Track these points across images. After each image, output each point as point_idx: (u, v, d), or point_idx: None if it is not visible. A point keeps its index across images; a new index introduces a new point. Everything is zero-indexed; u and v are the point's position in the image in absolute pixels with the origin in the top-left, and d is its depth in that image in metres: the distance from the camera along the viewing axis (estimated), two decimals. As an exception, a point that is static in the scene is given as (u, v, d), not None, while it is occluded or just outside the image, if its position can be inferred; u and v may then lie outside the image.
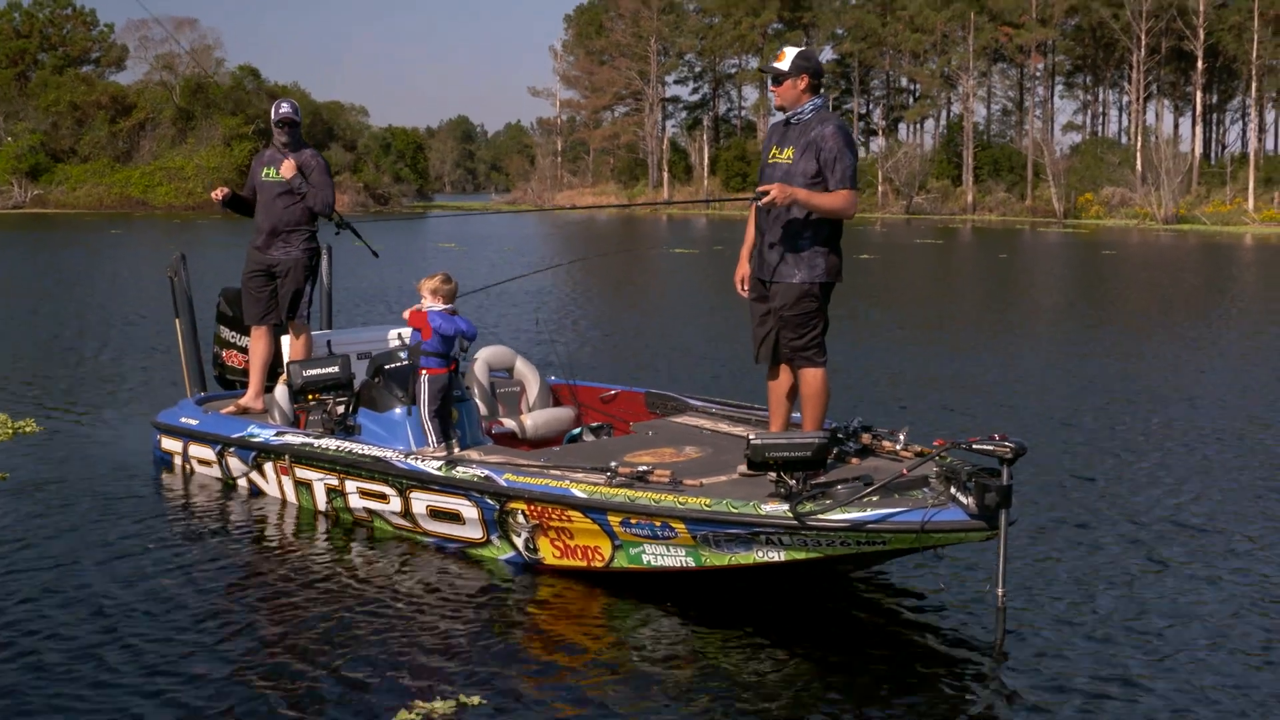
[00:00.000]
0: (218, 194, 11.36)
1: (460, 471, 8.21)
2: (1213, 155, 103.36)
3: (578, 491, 7.60)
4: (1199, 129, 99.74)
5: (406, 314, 9.46)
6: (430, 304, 9.39)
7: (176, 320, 11.84)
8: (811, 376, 8.02)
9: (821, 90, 8.20)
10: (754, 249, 8.26)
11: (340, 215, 11.53)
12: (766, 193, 7.73)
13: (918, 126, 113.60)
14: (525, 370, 10.89)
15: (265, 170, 11.13)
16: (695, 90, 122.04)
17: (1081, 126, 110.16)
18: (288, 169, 10.91)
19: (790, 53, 8.06)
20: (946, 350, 19.28)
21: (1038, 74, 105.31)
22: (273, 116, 11.19)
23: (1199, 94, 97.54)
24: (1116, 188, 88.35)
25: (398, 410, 9.32)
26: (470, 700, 6.16)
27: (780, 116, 8.30)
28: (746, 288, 8.30)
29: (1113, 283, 35.42)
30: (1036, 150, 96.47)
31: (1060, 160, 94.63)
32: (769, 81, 8.26)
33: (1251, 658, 6.91)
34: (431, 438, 9.11)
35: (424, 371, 9.26)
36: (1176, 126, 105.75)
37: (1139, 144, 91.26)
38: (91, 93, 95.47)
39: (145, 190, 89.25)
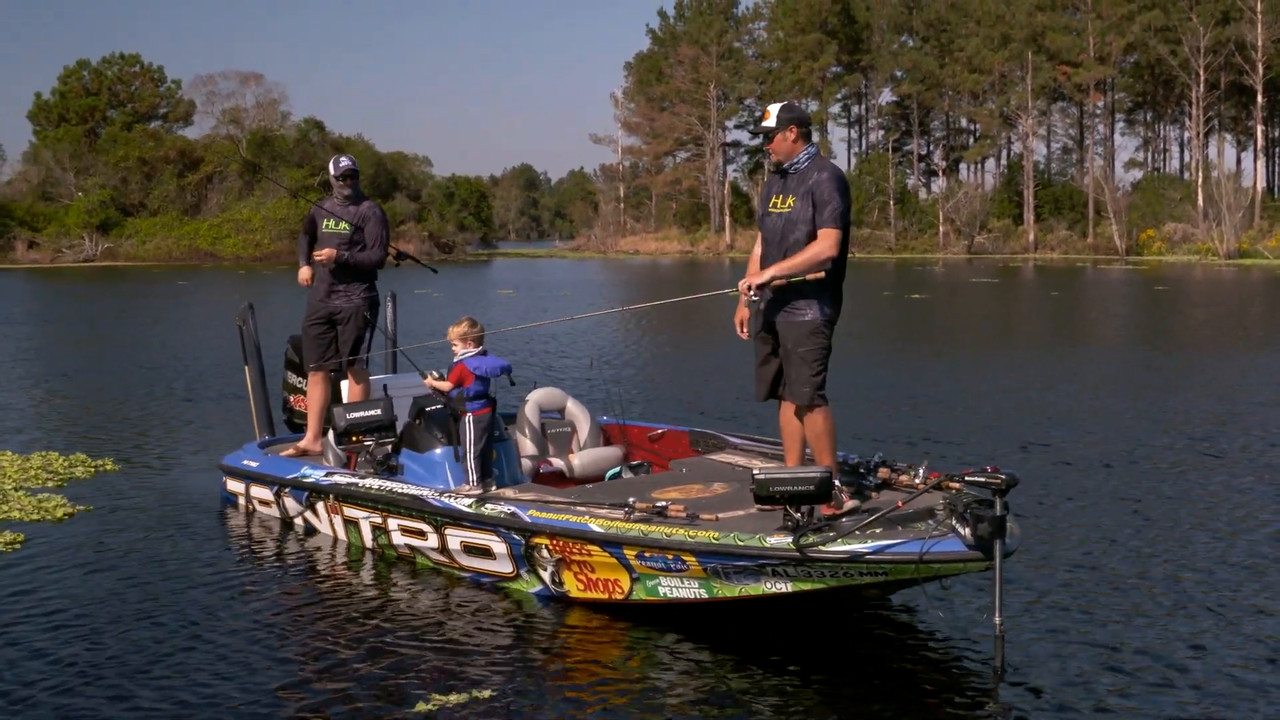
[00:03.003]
0: (305, 276, 11.81)
1: (489, 509, 8.64)
2: (1275, 189, 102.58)
3: (595, 526, 7.99)
4: (1261, 164, 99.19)
5: (443, 384, 9.78)
6: (463, 349, 9.82)
7: (245, 367, 12.43)
8: (820, 416, 8.31)
9: (811, 137, 8.55)
10: None
11: (397, 249, 12.16)
12: (746, 289, 8.26)
13: (978, 166, 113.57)
14: (576, 411, 11.24)
15: (325, 222, 11.66)
16: (756, 134, 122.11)
17: (1143, 163, 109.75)
18: (325, 257, 11.48)
19: (774, 109, 8.43)
20: (983, 382, 19.56)
21: (1098, 112, 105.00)
22: (333, 171, 11.74)
23: (1259, 128, 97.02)
24: (1178, 224, 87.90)
25: (438, 450, 9.77)
26: (488, 697, 6.62)
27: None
28: (746, 330, 8.71)
29: (1157, 318, 35.50)
30: (1097, 188, 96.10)
31: (1121, 197, 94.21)
32: (761, 140, 8.61)
33: (1256, 687, 7.13)
34: (472, 476, 9.50)
35: (468, 414, 9.62)
36: (1239, 161, 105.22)
37: (1200, 179, 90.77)
38: (160, 147, 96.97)
39: (213, 242, 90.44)
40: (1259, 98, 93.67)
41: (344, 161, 11.75)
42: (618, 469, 10.78)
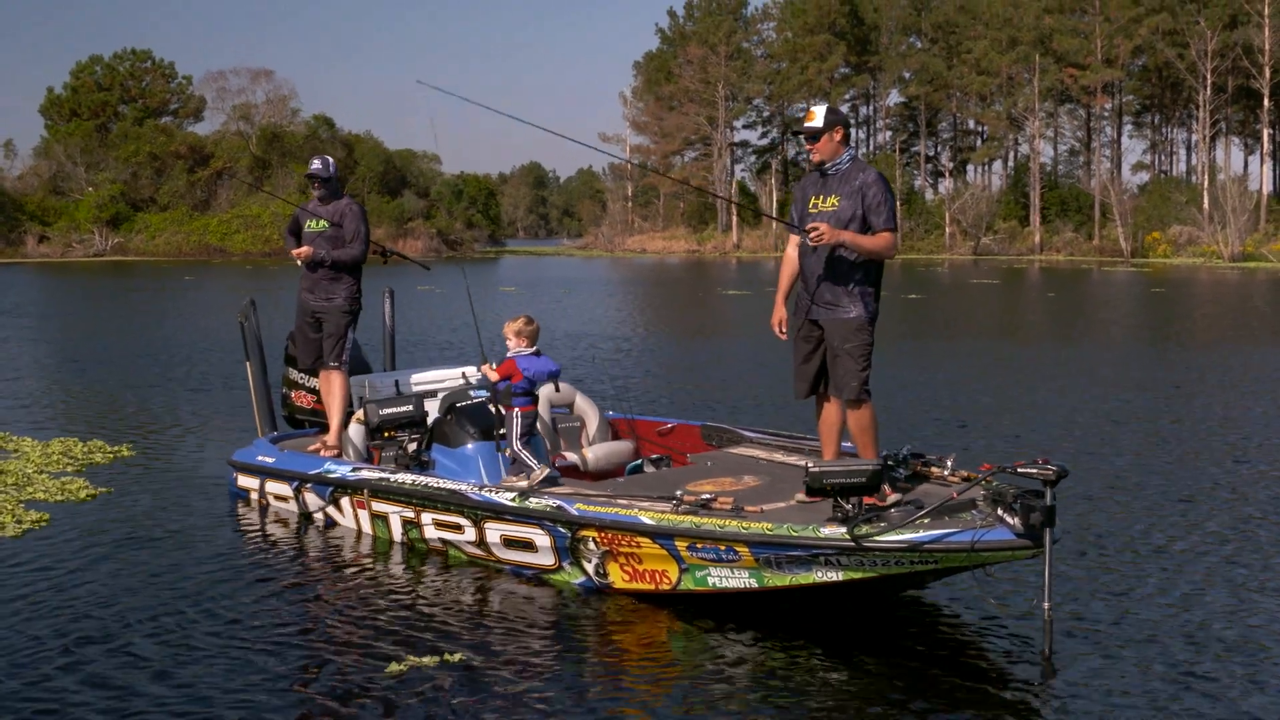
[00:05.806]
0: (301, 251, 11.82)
1: (533, 503, 8.70)
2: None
3: (646, 519, 8.06)
4: (1267, 167, 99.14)
5: (493, 373, 9.74)
6: (516, 346, 9.80)
7: (247, 363, 12.43)
8: (866, 410, 8.46)
9: (850, 140, 8.67)
10: (793, 293, 8.81)
11: (383, 246, 12.25)
12: (816, 231, 8.21)
13: (985, 168, 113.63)
14: (585, 406, 11.29)
15: (309, 222, 11.79)
16: (764, 134, 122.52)
17: (1150, 166, 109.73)
18: (304, 254, 11.62)
19: (819, 111, 8.57)
20: (967, 377, 19.60)
21: (1105, 114, 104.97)
22: (308, 174, 11.90)
23: (1266, 131, 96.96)
24: (1184, 226, 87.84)
25: (470, 445, 9.76)
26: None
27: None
28: (784, 330, 8.77)
29: (1149, 320, 35.72)
30: (1104, 190, 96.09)
31: (1127, 200, 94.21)
32: (804, 140, 8.66)
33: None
34: (531, 463, 9.44)
35: (516, 409, 9.59)
36: (1246, 164, 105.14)
37: (1206, 182, 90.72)
38: (170, 143, 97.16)
39: (223, 238, 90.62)
40: (1266, 101, 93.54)
41: (314, 164, 11.80)
42: (639, 462, 10.81)
